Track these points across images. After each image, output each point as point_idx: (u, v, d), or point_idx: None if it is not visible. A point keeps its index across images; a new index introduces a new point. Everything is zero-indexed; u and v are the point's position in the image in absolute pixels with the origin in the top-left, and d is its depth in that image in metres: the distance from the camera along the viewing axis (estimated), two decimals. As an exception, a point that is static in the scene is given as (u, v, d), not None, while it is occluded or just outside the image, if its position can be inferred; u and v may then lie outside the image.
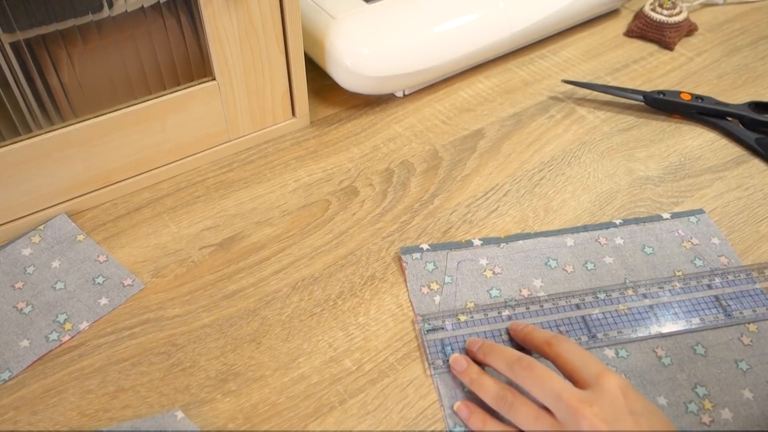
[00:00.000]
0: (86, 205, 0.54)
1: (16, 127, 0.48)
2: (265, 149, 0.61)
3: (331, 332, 0.46)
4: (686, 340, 0.45)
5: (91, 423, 0.41)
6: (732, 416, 0.41)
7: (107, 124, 0.51)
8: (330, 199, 0.56)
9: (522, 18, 0.67)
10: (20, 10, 0.44)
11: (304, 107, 0.61)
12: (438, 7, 0.63)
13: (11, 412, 0.42)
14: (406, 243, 0.52)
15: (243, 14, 0.51)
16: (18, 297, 0.47)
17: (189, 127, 0.55)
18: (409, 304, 0.48)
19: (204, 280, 0.49)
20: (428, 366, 0.44)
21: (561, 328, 0.46)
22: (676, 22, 0.72)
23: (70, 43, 0.48)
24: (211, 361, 0.44)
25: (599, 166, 0.59)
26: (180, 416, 0.41)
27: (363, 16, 0.61)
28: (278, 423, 0.41)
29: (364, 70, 0.60)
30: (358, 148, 0.61)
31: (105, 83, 0.51)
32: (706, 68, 0.70)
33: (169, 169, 0.57)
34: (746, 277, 0.49)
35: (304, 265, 0.51)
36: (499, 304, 0.47)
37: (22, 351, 0.44)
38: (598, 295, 0.48)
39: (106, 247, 0.51)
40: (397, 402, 0.42)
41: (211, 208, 0.55)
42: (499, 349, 0.42)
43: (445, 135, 0.62)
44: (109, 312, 0.47)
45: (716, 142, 0.61)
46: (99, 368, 0.44)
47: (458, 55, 0.64)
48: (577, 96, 0.67)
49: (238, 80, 0.55)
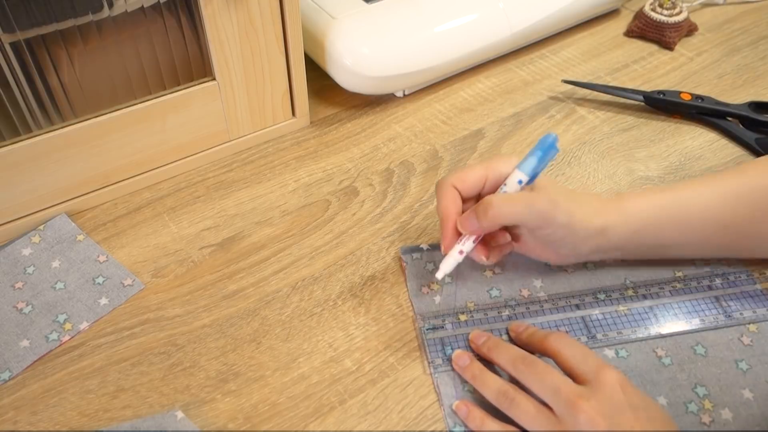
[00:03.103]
0: (86, 205, 0.54)
1: (16, 127, 0.48)
2: (265, 149, 0.61)
3: (331, 332, 0.46)
4: (686, 341, 0.45)
5: (91, 423, 0.41)
6: (732, 416, 0.41)
7: (107, 124, 0.51)
8: (330, 199, 0.56)
9: (522, 18, 0.67)
10: (20, 10, 0.44)
11: (304, 107, 0.61)
12: (438, 7, 0.63)
13: (11, 412, 0.42)
14: (406, 243, 0.52)
15: (243, 14, 0.51)
16: (18, 297, 0.47)
17: (189, 127, 0.55)
18: (409, 304, 0.48)
19: (204, 280, 0.49)
20: (428, 365, 0.44)
21: (561, 329, 0.46)
22: (676, 22, 0.72)
23: (70, 43, 0.48)
24: (211, 361, 0.44)
25: (599, 166, 0.59)
26: (180, 416, 0.41)
27: (363, 16, 0.61)
28: (278, 423, 0.41)
29: (364, 70, 0.60)
30: (358, 148, 0.61)
31: (105, 83, 0.51)
32: (706, 68, 0.70)
33: (169, 169, 0.57)
34: (746, 277, 0.49)
35: (304, 265, 0.51)
36: (499, 304, 0.47)
37: (22, 351, 0.44)
38: (598, 296, 0.48)
39: (106, 247, 0.51)
40: (397, 402, 0.42)
41: (211, 208, 0.55)
42: (504, 346, 0.42)
43: (445, 135, 0.62)
44: (109, 312, 0.47)
45: (716, 142, 0.61)
46: (99, 368, 0.44)
47: (458, 55, 0.64)
48: (577, 96, 0.67)
49: (238, 80, 0.55)
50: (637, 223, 0.44)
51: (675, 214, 0.45)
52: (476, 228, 0.42)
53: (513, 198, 0.42)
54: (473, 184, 0.44)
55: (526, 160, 0.43)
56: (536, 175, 0.43)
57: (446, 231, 0.43)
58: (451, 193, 0.44)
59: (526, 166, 0.43)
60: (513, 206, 0.42)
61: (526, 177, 0.43)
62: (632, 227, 0.44)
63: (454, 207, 0.43)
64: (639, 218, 0.44)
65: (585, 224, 0.43)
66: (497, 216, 0.41)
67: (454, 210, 0.43)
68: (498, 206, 0.41)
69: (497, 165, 0.44)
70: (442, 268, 0.44)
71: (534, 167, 0.42)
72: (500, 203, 0.42)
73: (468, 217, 0.43)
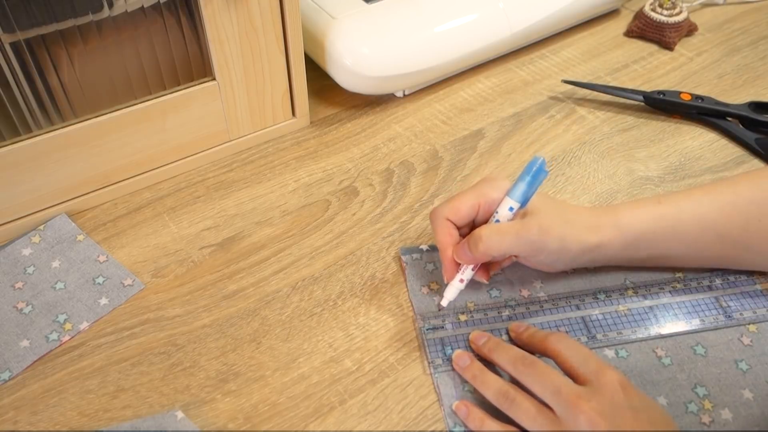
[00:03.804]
0: (86, 205, 0.54)
1: (16, 127, 0.48)
2: (265, 149, 0.61)
3: (331, 332, 0.46)
4: (686, 341, 0.45)
5: (91, 423, 0.41)
6: (732, 416, 0.41)
7: (107, 124, 0.51)
8: (330, 199, 0.56)
9: (522, 18, 0.67)
10: (20, 10, 0.44)
11: (304, 107, 0.61)
12: (438, 7, 0.63)
13: (11, 412, 0.42)
14: (406, 243, 0.52)
15: (243, 14, 0.51)
16: (18, 297, 0.47)
17: (189, 127, 0.55)
18: (409, 304, 0.48)
19: (204, 280, 0.49)
20: (428, 365, 0.44)
21: (561, 329, 0.46)
22: (676, 22, 0.72)
23: (70, 43, 0.48)
24: (211, 361, 0.44)
25: (599, 167, 0.59)
26: (180, 416, 0.41)
27: (363, 16, 0.61)
28: (278, 423, 0.41)
29: (364, 70, 0.60)
30: (358, 148, 0.61)
31: (105, 83, 0.51)
32: (706, 68, 0.70)
33: (169, 169, 0.57)
34: (746, 277, 0.49)
35: (305, 265, 0.51)
36: (499, 304, 0.47)
37: (22, 351, 0.44)
38: (598, 296, 0.48)
39: (106, 247, 0.51)
40: (397, 402, 0.42)
41: (211, 208, 0.55)
42: (504, 347, 0.42)
43: (445, 135, 0.62)
44: (109, 312, 0.47)
45: (716, 143, 0.61)
46: (99, 368, 0.44)
47: (458, 55, 0.64)
48: (577, 96, 0.67)
49: (238, 80, 0.55)
50: (631, 237, 0.45)
51: (670, 226, 0.45)
52: (470, 259, 0.43)
53: (502, 230, 0.42)
54: (466, 214, 0.44)
55: (515, 186, 0.43)
56: (527, 199, 0.43)
57: (445, 262, 0.44)
58: (446, 225, 0.44)
59: (516, 193, 0.43)
60: (502, 239, 0.42)
61: (517, 204, 0.43)
62: (627, 240, 0.45)
63: (450, 239, 0.44)
64: (633, 231, 0.44)
65: (579, 243, 0.43)
66: (488, 249, 0.42)
67: (451, 241, 0.44)
68: (487, 240, 0.42)
69: (488, 191, 0.44)
70: (446, 296, 0.45)
71: (524, 192, 0.43)
72: (489, 236, 0.42)
73: (462, 249, 0.43)
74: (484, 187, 0.44)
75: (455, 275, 0.44)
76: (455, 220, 0.44)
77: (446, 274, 0.45)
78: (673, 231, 0.45)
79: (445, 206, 0.45)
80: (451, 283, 0.45)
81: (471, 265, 0.44)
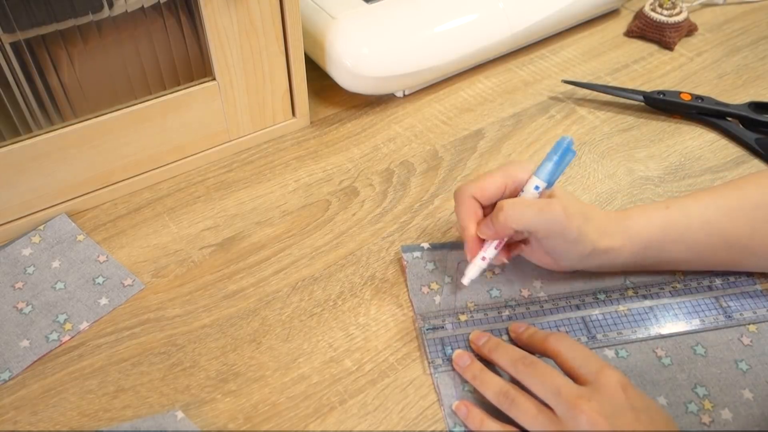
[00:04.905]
0: (86, 205, 0.54)
1: (16, 127, 0.48)
2: (265, 149, 0.61)
3: (331, 332, 0.46)
4: (686, 341, 0.45)
5: (91, 423, 0.41)
6: (732, 416, 0.41)
7: (107, 124, 0.51)
8: (330, 199, 0.56)
9: (522, 18, 0.67)
10: (20, 10, 0.44)
11: (304, 107, 0.61)
12: (438, 7, 0.63)
13: (11, 412, 0.42)
14: (406, 243, 0.52)
15: (243, 14, 0.51)
16: (18, 297, 0.47)
17: (189, 127, 0.55)
18: (409, 304, 0.48)
19: (204, 280, 0.49)
20: (428, 365, 0.44)
21: (561, 329, 0.46)
22: (676, 22, 0.72)
23: (70, 43, 0.48)
24: (211, 361, 0.44)
25: (599, 167, 0.59)
26: (180, 416, 0.41)
27: (363, 16, 0.61)
28: (278, 423, 0.41)
29: (364, 70, 0.60)
30: (358, 148, 0.61)
31: (105, 83, 0.51)
32: (706, 68, 0.70)
33: (169, 169, 0.57)
34: (747, 278, 0.49)
35: (305, 265, 0.51)
36: (499, 305, 0.47)
37: (22, 351, 0.44)
38: (598, 296, 0.48)
39: (106, 247, 0.51)
40: (397, 402, 0.42)
41: (211, 208, 0.55)
42: (505, 347, 0.42)
43: (445, 135, 0.62)
44: (109, 312, 0.47)
45: (716, 143, 0.61)
46: (99, 368, 0.44)
47: (458, 55, 0.64)
48: (577, 96, 0.67)
49: (238, 80, 0.55)
50: (640, 243, 0.45)
51: (678, 232, 0.45)
52: (491, 232, 0.43)
53: (526, 203, 0.42)
54: (492, 194, 0.44)
55: (542, 166, 0.43)
56: (554, 180, 0.43)
57: (468, 240, 0.44)
58: (471, 203, 0.44)
59: (543, 172, 0.43)
60: (524, 212, 0.42)
61: (544, 183, 0.43)
62: (636, 247, 0.45)
63: (474, 217, 0.44)
64: (641, 239, 0.44)
65: (591, 243, 0.43)
66: (508, 219, 0.41)
67: (474, 220, 0.44)
68: (509, 209, 0.41)
69: (515, 172, 0.44)
70: (467, 274, 0.45)
71: (551, 172, 0.42)
72: (512, 206, 0.42)
73: (485, 223, 0.43)
74: (512, 168, 0.44)
75: (478, 253, 0.44)
76: (481, 199, 0.44)
77: (469, 252, 0.45)
78: (681, 238, 0.45)
79: (472, 184, 0.44)
80: (473, 261, 0.45)
81: (494, 243, 0.44)
